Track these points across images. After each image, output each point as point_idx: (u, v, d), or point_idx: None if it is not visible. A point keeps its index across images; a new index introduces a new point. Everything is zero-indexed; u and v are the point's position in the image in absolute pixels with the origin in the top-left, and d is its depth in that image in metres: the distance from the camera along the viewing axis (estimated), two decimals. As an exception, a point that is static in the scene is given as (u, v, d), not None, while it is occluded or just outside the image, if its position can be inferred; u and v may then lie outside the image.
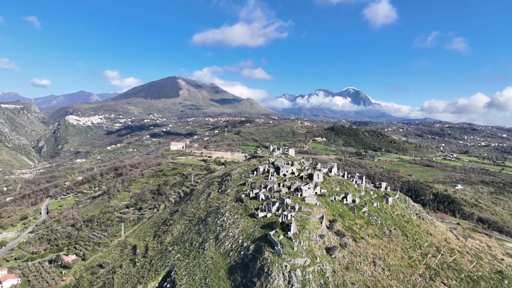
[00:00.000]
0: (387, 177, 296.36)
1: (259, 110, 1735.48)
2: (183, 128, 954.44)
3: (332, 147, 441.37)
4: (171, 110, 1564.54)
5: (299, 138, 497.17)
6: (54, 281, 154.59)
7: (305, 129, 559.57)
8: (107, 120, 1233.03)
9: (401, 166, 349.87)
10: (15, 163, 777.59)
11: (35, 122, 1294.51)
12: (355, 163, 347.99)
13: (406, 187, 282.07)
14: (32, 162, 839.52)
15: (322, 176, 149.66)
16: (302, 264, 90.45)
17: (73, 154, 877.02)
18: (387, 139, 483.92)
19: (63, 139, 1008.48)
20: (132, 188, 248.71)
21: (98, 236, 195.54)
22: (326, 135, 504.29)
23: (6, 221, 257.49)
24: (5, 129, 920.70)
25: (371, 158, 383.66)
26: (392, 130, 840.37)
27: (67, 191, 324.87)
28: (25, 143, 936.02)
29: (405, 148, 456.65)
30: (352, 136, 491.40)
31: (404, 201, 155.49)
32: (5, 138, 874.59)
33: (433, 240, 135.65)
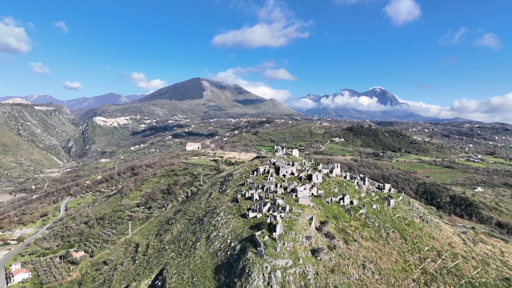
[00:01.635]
0: (403, 179, 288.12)
1: (282, 110, 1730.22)
2: (205, 129, 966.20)
3: (349, 148, 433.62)
4: (195, 111, 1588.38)
5: (316, 139, 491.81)
6: (61, 276, 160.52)
7: (323, 130, 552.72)
8: (132, 121, 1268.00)
9: (420, 168, 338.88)
10: (46, 162, 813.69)
11: (66, 123, 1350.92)
12: (371, 164, 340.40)
13: (422, 189, 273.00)
14: (61, 161, 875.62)
15: (322, 177, 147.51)
16: (283, 266, 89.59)
17: (100, 154, 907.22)
18: (408, 140, 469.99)
19: (91, 140, 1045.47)
20: (144, 187, 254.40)
21: (108, 233, 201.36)
22: (344, 135, 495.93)
23: (27, 218, 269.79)
24: (37, 130, 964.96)
25: (389, 159, 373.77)
26: (417, 130, 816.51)
27: (87, 189, 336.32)
28: (55, 144, 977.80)
29: (426, 148, 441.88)
30: (371, 137, 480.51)
31: (407, 203, 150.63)
32: (37, 139, 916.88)
33: (435, 244, 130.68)
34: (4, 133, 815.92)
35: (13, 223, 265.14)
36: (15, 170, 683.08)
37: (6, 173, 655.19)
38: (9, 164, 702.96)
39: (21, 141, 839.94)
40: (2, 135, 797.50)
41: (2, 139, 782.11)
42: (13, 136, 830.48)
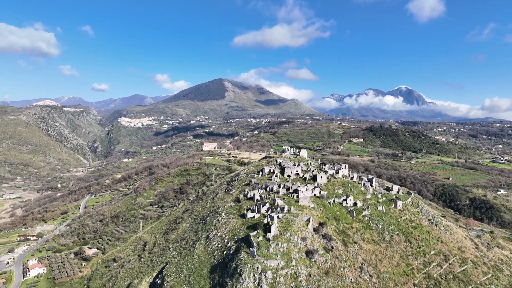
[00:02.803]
0: (420, 180, 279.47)
1: (304, 110, 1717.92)
2: (226, 129, 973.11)
3: (368, 148, 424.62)
4: (217, 111, 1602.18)
5: (334, 139, 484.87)
6: (73, 272, 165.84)
7: (341, 130, 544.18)
8: (156, 122, 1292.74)
9: (440, 169, 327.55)
10: (72, 162, 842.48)
11: (93, 124, 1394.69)
12: (388, 165, 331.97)
13: (440, 191, 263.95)
14: (87, 161, 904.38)
15: (327, 177, 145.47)
16: (275, 267, 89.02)
17: (124, 154, 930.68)
18: (429, 140, 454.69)
19: (116, 140, 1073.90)
20: (157, 186, 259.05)
21: (120, 231, 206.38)
22: (363, 135, 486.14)
23: (48, 215, 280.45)
24: (65, 131, 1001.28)
25: (408, 160, 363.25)
26: (442, 130, 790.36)
27: (106, 188, 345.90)
28: (81, 144, 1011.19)
29: (449, 149, 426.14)
30: (391, 137, 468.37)
31: (416, 205, 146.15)
32: (64, 139, 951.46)
33: (443, 248, 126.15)
34: (34, 133, 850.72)
35: (36, 220, 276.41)
36: (43, 169, 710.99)
37: (35, 172, 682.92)
38: (38, 163, 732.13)
39: (50, 141, 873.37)
40: (32, 135, 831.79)
41: (33, 139, 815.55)
42: (42, 137, 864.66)
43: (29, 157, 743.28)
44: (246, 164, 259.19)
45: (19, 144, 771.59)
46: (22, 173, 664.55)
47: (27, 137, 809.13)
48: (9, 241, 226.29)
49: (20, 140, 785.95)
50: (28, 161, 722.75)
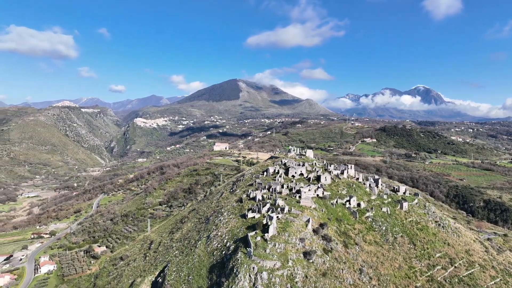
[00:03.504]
0: (433, 181, 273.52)
1: (318, 111, 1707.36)
2: (239, 129, 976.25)
3: (381, 149, 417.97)
4: (231, 112, 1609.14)
5: (347, 139, 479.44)
6: (82, 269, 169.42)
7: (354, 130, 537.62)
8: (171, 122, 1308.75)
9: (455, 170, 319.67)
10: (89, 161, 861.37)
11: (110, 125, 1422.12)
12: (401, 165, 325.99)
13: (453, 193, 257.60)
14: (104, 161, 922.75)
15: (331, 178, 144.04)
16: (271, 267, 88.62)
17: (139, 154, 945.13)
18: (445, 140, 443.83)
19: (131, 140, 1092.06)
20: (167, 186, 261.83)
21: (129, 230, 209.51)
22: (377, 136, 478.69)
23: (62, 213, 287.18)
24: (82, 131, 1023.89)
25: (421, 161, 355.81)
26: (459, 130, 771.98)
27: (119, 188, 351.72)
28: (98, 144, 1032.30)
29: (465, 150, 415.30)
30: (405, 137, 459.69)
31: (423, 206, 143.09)
32: (82, 139, 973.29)
33: (450, 251, 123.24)
34: (53, 133, 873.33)
35: (50, 218, 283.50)
36: (61, 168, 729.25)
37: (54, 171, 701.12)
38: (56, 163, 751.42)
39: (68, 141, 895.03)
40: (51, 135, 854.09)
41: (51, 140, 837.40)
42: (60, 137, 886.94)
43: (48, 156, 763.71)
44: (255, 164, 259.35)
45: (38, 144, 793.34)
46: (41, 172, 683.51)
47: (46, 137, 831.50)
48: (23, 239, 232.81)
49: (39, 140, 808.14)
50: (47, 161, 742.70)
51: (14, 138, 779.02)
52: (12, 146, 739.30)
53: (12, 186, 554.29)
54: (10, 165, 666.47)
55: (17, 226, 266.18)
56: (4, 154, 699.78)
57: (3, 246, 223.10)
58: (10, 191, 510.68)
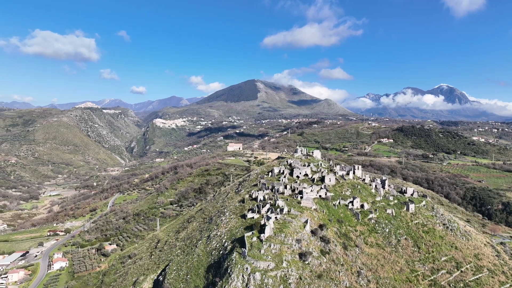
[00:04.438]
0: (449, 183, 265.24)
1: (337, 111, 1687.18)
2: (256, 130, 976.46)
3: (397, 149, 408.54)
4: (249, 112, 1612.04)
5: (363, 140, 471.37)
6: (92, 266, 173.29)
7: (371, 130, 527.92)
8: (189, 123, 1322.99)
9: (474, 171, 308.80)
10: (110, 161, 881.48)
11: (130, 125, 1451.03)
12: (417, 166, 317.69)
13: (470, 195, 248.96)
14: (124, 161, 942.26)
15: (335, 179, 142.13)
16: (264, 268, 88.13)
17: (157, 154, 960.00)
18: (465, 141, 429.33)
19: (151, 140, 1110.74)
20: (179, 186, 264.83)
21: (139, 229, 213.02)
22: (394, 136, 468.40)
23: (79, 212, 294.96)
24: (103, 131, 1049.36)
25: (439, 162, 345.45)
26: (483, 130, 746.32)
27: (134, 187, 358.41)
28: (119, 144, 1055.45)
29: (486, 150, 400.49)
30: (423, 137, 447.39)
31: (431, 209, 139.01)
32: (103, 139, 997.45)
33: (457, 254, 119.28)
34: (75, 134, 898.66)
35: (67, 216, 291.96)
36: (82, 168, 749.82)
37: (75, 170, 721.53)
38: (78, 163, 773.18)
39: (89, 142, 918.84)
40: (73, 136, 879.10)
41: (73, 140, 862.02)
42: (82, 137, 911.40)
43: (70, 156, 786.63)
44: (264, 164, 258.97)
45: (61, 144, 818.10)
46: (63, 171, 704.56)
47: (68, 138, 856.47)
48: (40, 236, 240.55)
49: (62, 141, 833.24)
50: (69, 160, 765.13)
51: (39, 138, 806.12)
52: (37, 146, 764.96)
53: (36, 185, 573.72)
54: (34, 164, 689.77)
55: (35, 224, 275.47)
56: (29, 154, 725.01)
57: (21, 242, 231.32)
58: (33, 190, 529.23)
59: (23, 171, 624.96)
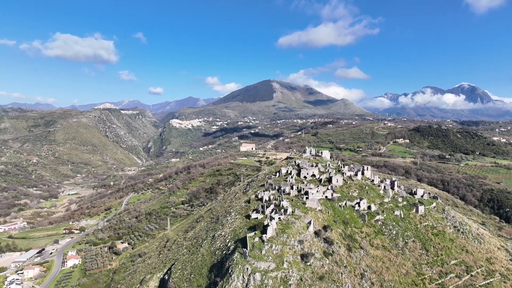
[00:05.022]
0: (465, 184, 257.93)
1: (354, 111, 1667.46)
2: (271, 130, 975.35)
3: (413, 150, 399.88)
4: (265, 112, 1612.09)
5: (378, 140, 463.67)
6: (103, 264, 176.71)
7: (386, 130, 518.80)
8: (205, 123, 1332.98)
9: (493, 172, 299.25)
10: (127, 161, 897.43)
11: (148, 126, 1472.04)
12: (432, 167, 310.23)
13: (488, 197, 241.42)
14: (140, 160, 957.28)
15: (343, 179, 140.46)
16: (265, 269, 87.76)
17: (173, 154, 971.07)
18: (484, 141, 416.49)
19: (167, 141, 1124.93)
20: (190, 186, 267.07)
21: (151, 228, 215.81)
22: (410, 136, 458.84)
23: (94, 211, 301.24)
24: (121, 132, 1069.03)
25: (456, 163, 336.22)
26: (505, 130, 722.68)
27: (148, 187, 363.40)
28: (136, 144, 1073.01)
29: (507, 151, 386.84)
30: (440, 138, 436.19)
31: (441, 211, 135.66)
32: (120, 140, 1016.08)
33: (468, 258, 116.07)
34: (93, 134, 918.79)
35: (83, 215, 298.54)
36: (100, 167, 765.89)
37: (93, 170, 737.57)
38: (96, 162, 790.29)
39: (107, 142, 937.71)
40: (92, 136, 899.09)
41: (92, 140, 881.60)
42: (101, 138, 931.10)
43: (89, 156, 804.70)
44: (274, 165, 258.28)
45: (80, 144, 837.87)
46: (82, 171, 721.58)
47: (87, 138, 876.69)
48: (56, 233, 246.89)
49: (81, 141, 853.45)
50: (88, 160, 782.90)
51: (59, 138, 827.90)
52: (57, 146, 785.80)
53: (56, 184, 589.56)
54: (55, 164, 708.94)
55: (52, 222, 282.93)
56: (50, 153, 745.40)
57: (38, 240, 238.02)
58: (53, 189, 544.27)
59: (43, 171, 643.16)
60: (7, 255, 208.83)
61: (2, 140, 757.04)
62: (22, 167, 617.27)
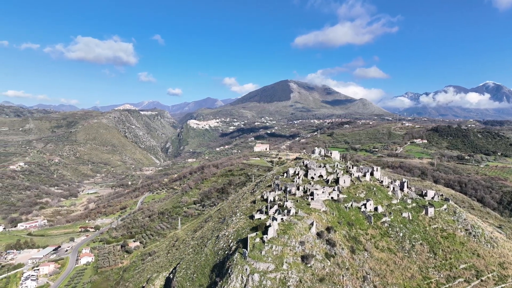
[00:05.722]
0: (484, 186, 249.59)
1: (373, 110, 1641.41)
2: (288, 130, 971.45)
3: (431, 150, 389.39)
4: (282, 112, 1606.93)
5: (395, 140, 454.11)
6: (115, 262, 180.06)
7: (404, 130, 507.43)
8: (222, 124, 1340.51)
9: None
10: (145, 161, 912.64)
11: (166, 126, 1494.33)
12: (450, 168, 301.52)
13: (508, 199, 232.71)
14: (158, 160, 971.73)
15: (350, 180, 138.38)
16: (264, 269, 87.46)
17: (191, 154, 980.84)
18: (507, 141, 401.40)
19: (185, 141, 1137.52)
20: (203, 186, 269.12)
21: (163, 227, 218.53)
22: (428, 136, 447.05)
23: (110, 210, 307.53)
24: (139, 132, 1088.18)
25: (476, 163, 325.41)
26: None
27: (163, 186, 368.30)
28: (154, 144, 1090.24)
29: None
30: (459, 138, 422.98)
31: (453, 213, 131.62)
32: (139, 140, 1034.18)
33: (479, 262, 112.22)
34: (113, 135, 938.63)
35: (99, 213, 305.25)
36: (119, 167, 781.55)
37: (112, 170, 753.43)
38: (115, 162, 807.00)
39: (126, 142, 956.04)
40: (111, 136, 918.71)
41: (112, 140, 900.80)
42: (120, 138, 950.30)
43: (108, 156, 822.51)
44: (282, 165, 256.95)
45: (100, 144, 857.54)
46: (101, 171, 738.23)
47: (107, 138, 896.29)
48: (73, 231, 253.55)
49: (101, 141, 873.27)
50: (107, 160, 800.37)
51: (80, 139, 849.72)
52: (78, 146, 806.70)
53: (76, 183, 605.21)
54: (75, 163, 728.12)
55: (70, 220, 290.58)
56: (71, 153, 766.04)
57: (55, 237, 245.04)
58: (73, 188, 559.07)
59: (65, 170, 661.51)
60: (25, 252, 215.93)
61: (26, 140, 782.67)
62: (45, 167, 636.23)
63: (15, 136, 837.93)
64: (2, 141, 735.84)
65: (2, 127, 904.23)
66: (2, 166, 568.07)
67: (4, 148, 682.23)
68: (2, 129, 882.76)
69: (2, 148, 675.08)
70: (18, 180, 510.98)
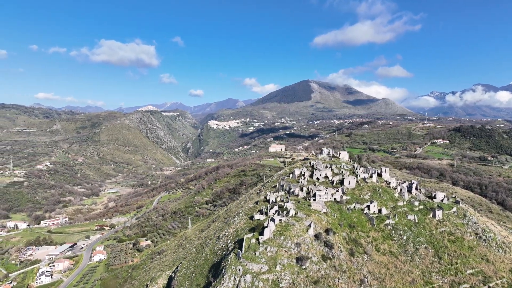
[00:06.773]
0: (506, 189, 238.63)
1: (396, 110, 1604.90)
2: (307, 131, 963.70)
3: (452, 151, 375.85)
4: (302, 113, 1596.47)
5: (415, 140, 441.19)
6: (125, 260, 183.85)
7: (424, 131, 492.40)
8: (242, 124, 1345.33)
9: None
10: (166, 161, 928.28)
11: (187, 127, 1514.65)
12: (470, 170, 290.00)
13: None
14: (179, 161, 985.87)
15: (356, 181, 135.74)
16: (256, 270, 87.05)
17: (210, 154, 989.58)
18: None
19: (205, 141, 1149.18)
20: (215, 186, 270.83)
21: (174, 226, 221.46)
22: (450, 136, 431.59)
23: (126, 209, 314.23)
24: (161, 133, 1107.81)
25: (499, 165, 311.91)
26: None
27: (179, 186, 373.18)
28: (175, 145, 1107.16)
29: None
30: (483, 138, 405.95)
31: (463, 216, 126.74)
32: (160, 141, 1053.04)
33: (487, 268, 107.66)
34: (135, 135, 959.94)
35: (116, 212, 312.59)
36: (141, 167, 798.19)
37: (134, 170, 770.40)
38: (137, 162, 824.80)
39: (148, 143, 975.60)
40: (133, 137, 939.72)
41: (134, 141, 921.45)
42: (142, 139, 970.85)
43: (130, 156, 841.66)
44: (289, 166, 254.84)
45: (122, 145, 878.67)
46: (123, 170, 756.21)
47: (129, 139, 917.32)
48: (89, 229, 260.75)
49: (123, 142, 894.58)
50: (129, 160, 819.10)
51: (103, 139, 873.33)
52: (101, 146, 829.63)
53: (98, 182, 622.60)
54: (98, 163, 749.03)
55: (88, 218, 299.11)
56: (95, 154, 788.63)
57: (72, 235, 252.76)
58: (95, 187, 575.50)
59: (88, 170, 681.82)
60: (43, 248, 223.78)
61: (53, 141, 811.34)
62: (69, 166, 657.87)
63: (43, 136, 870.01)
64: (31, 142, 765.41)
65: (31, 128, 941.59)
66: (30, 165, 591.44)
67: (32, 148, 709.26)
68: (31, 130, 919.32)
69: (30, 148, 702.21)
70: (44, 179, 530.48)
